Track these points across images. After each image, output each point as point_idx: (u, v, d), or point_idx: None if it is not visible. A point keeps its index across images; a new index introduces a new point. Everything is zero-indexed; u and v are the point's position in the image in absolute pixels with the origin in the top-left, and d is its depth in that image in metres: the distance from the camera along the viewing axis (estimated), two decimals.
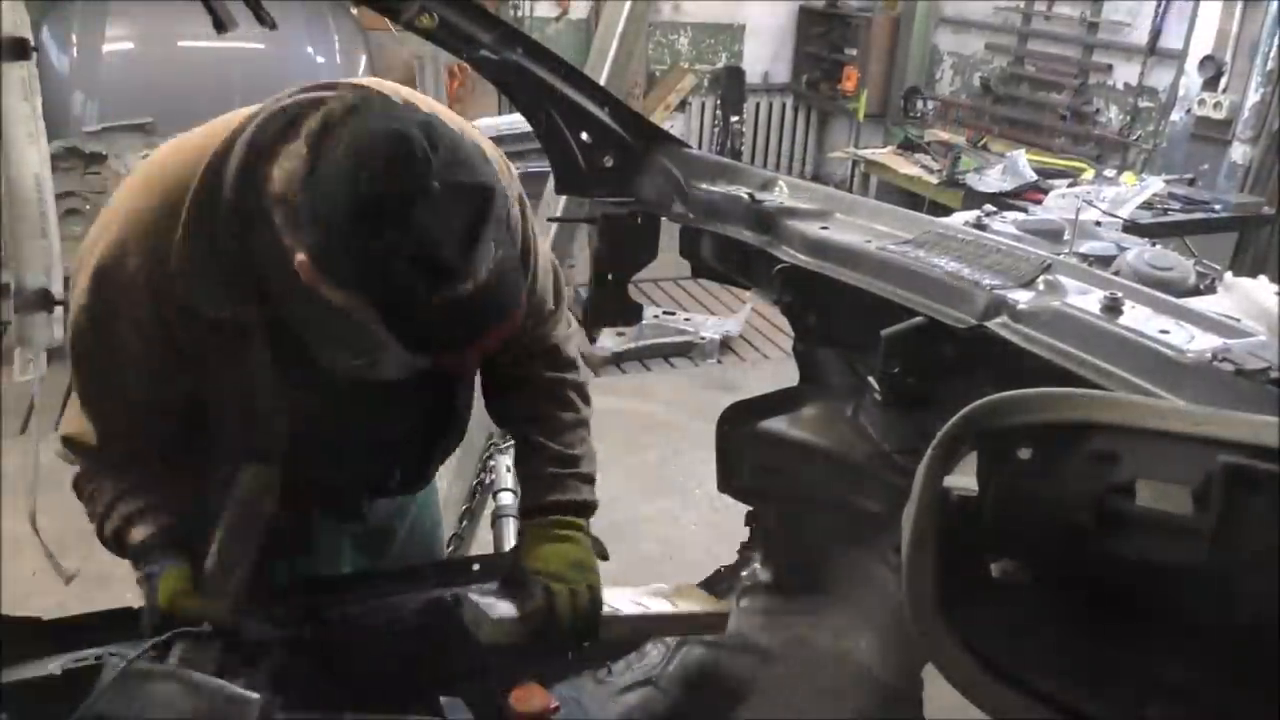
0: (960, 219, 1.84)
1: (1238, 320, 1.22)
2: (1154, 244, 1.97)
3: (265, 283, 1.30)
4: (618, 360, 5.27)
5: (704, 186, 1.74)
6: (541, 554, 1.51)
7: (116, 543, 1.44)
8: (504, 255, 1.19)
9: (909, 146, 6.50)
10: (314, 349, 1.39)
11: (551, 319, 1.62)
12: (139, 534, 1.42)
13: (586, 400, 1.66)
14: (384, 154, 1.11)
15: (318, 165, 1.13)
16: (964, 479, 0.99)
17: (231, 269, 1.27)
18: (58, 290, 2.38)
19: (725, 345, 5.52)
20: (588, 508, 1.58)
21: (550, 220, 2.28)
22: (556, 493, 1.55)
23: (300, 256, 1.16)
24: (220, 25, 1.38)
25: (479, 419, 2.22)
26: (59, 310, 2.38)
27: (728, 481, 1.91)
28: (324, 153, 1.13)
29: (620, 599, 1.57)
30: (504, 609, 1.47)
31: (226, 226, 1.25)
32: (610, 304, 1.92)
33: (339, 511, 1.69)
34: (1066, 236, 2.01)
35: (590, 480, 1.60)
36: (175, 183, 1.28)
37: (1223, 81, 5.26)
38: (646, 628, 1.75)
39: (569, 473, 1.57)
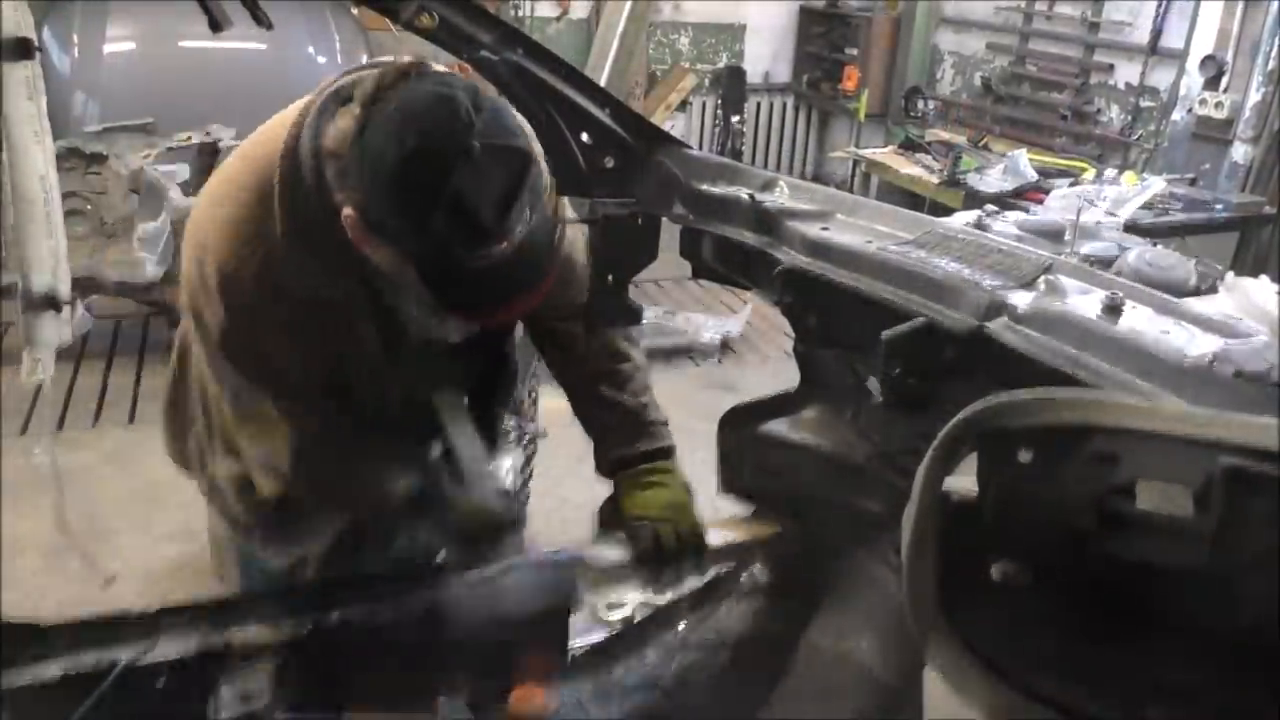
0: (961, 219, 1.84)
1: (1239, 321, 1.22)
2: (1155, 244, 1.97)
3: (350, 250, 1.34)
4: None
5: (704, 187, 1.74)
6: (640, 500, 1.61)
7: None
8: (537, 223, 1.23)
9: (910, 146, 6.49)
10: (404, 311, 1.45)
11: (587, 275, 1.69)
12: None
13: (638, 347, 1.75)
14: (428, 113, 1.17)
15: (368, 123, 1.18)
16: (964, 481, 0.99)
17: (329, 248, 1.31)
18: (64, 291, 2.39)
19: (725, 346, 5.52)
20: (670, 452, 1.69)
21: None
22: (640, 442, 1.65)
23: (347, 211, 1.22)
24: (215, 25, 1.39)
25: None
26: (66, 310, 2.39)
27: (728, 483, 1.91)
28: (375, 112, 1.18)
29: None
30: (614, 555, 1.56)
31: (315, 209, 1.30)
32: (610, 305, 1.92)
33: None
34: (1067, 237, 2.01)
35: (665, 424, 1.69)
36: (258, 185, 1.34)
37: (1224, 81, 5.26)
38: (734, 554, 1.80)
39: (646, 421, 1.67)
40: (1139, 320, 1.20)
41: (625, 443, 1.65)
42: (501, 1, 7.01)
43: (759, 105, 8.34)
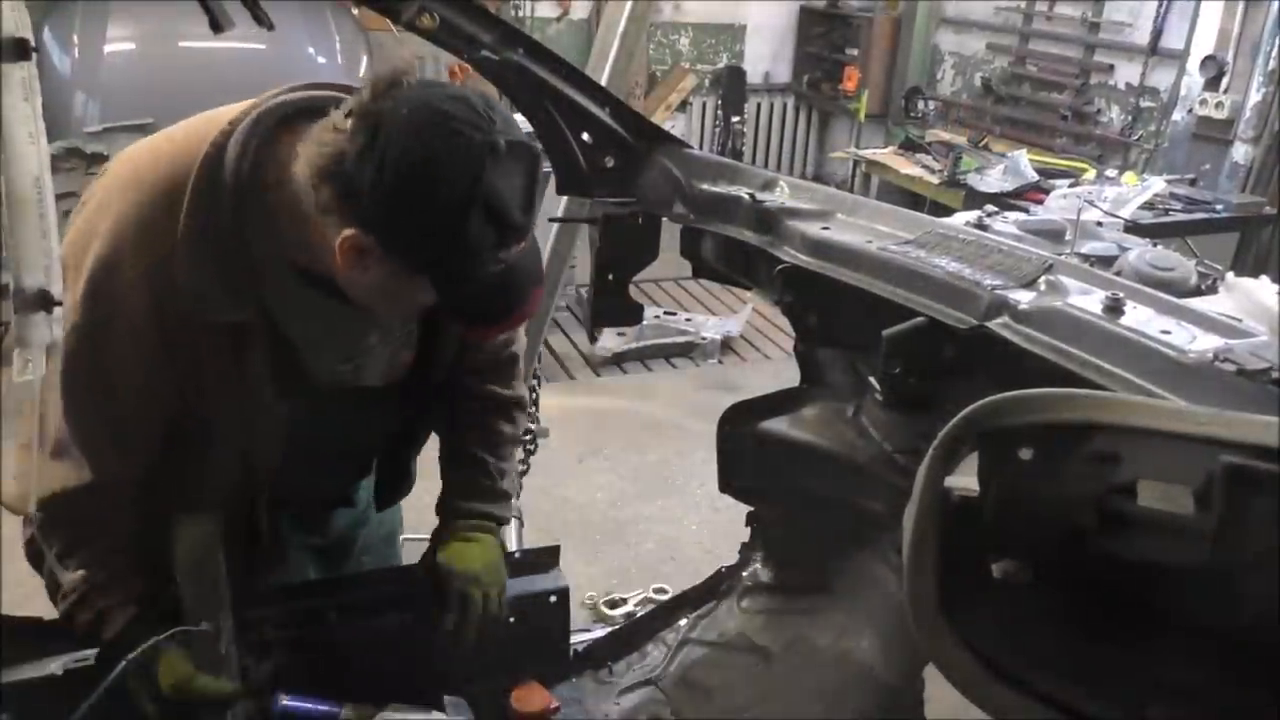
0: (961, 219, 1.84)
1: (1239, 320, 1.22)
2: (1155, 244, 1.97)
3: (264, 280, 1.28)
4: (619, 360, 5.27)
5: (705, 187, 1.74)
6: (460, 553, 1.55)
7: (87, 628, 1.37)
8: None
9: (910, 147, 6.49)
10: (304, 352, 1.37)
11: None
12: (115, 625, 1.36)
13: (525, 417, 1.69)
14: (451, 114, 1.11)
15: (378, 132, 1.11)
16: (965, 479, 0.99)
17: (232, 267, 1.25)
18: (57, 291, 2.38)
19: (726, 345, 5.52)
20: (505, 522, 1.64)
21: (551, 220, 2.28)
22: (485, 503, 1.61)
23: (349, 232, 1.15)
24: (216, 25, 1.38)
25: None
26: (58, 310, 2.39)
27: (728, 482, 1.91)
28: (382, 120, 1.11)
29: None
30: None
31: (228, 222, 1.23)
32: (611, 304, 1.92)
33: (305, 523, 1.69)
34: (1068, 237, 2.01)
35: (509, 496, 1.64)
36: (169, 181, 1.25)
37: (1224, 81, 5.26)
38: None
39: (498, 487, 1.62)
40: (1140, 319, 1.20)
41: (470, 498, 1.61)
42: (502, 2, 7.01)
43: (759, 105, 8.34)
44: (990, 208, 2.02)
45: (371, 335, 1.42)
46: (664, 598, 2.19)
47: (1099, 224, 2.60)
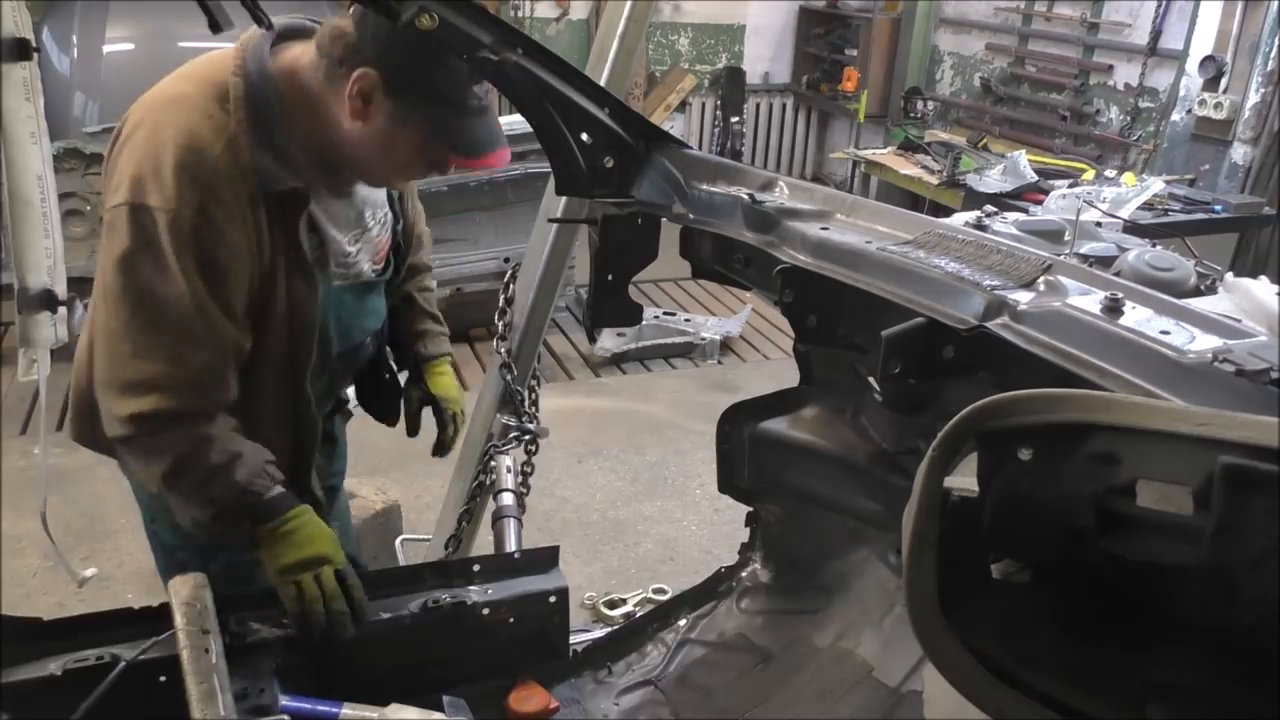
0: (961, 220, 1.84)
1: (1238, 321, 1.22)
2: (1154, 245, 1.97)
3: (309, 150, 1.54)
4: (618, 361, 5.27)
5: (704, 187, 1.75)
6: (444, 384, 2.04)
7: (248, 509, 1.55)
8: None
9: (909, 147, 6.50)
10: (325, 232, 1.62)
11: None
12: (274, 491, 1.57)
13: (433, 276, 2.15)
14: None
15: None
16: (964, 479, 0.99)
17: (285, 149, 1.51)
18: (61, 291, 2.39)
19: (726, 346, 5.52)
20: (451, 356, 2.13)
21: (551, 221, 2.28)
22: (442, 346, 2.07)
23: (358, 71, 1.45)
24: (215, 26, 1.39)
25: (484, 418, 2.22)
26: (62, 311, 2.39)
27: (728, 482, 1.91)
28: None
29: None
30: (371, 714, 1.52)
31: (270, 109, 1.49)
32: (610, 305, 1.92)
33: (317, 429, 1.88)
34: (1067, 237, 2.01)
35: (449, 337, 2.14)
36: (210, 87, 1.48)
37: (1223, 82, 5.27)
38: None
39: (444, 332, 2.09)
40: (1139, 320, 1.20)
41: (433, 345, 2.06)
42: (501, 2, 7.01)
43: (758, 106, 8.35)
44: (989, 208, 2.02)
45: (366, 214, 1.72)
46: (663, 598, 2.19)
47: (1098, 224, 2.59)
